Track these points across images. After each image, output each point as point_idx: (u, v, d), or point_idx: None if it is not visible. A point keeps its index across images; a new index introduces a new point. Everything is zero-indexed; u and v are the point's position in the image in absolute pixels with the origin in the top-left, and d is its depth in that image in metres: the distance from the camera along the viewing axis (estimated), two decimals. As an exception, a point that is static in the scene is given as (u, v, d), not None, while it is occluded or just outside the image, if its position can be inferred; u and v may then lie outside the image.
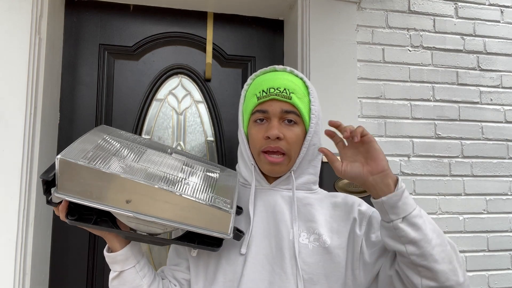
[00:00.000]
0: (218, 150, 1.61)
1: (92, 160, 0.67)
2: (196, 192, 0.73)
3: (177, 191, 0.70)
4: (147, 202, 0.69)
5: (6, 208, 1.22)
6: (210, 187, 0.77)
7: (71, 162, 0.65)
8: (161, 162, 0.77)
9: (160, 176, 0.72)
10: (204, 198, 0.72)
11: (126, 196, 0.67)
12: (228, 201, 0.74)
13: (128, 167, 0.70)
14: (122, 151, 0.75)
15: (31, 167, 1.27)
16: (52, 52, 1.40)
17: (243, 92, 0.89)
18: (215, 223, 0.71)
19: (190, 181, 0.75)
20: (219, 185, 0.79)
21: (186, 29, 1.62)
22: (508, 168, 1.67)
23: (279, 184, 0.85)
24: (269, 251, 0.79)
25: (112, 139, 0.78)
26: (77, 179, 0.66)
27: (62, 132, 1.48)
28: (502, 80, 1.71)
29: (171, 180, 0.72)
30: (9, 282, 1.20)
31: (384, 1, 1.61)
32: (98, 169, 0.66)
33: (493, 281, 1.60)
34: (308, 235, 0.81)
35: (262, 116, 0.81)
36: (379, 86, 1.58)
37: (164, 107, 1.59)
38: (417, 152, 1.59)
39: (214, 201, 0.72)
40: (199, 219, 0.71)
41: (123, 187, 0.67)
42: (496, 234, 1.63)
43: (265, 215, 0.82)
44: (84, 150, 0.69)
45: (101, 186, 0.67)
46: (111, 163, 0.69)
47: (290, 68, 0.87)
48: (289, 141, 0.80)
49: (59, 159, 0.64)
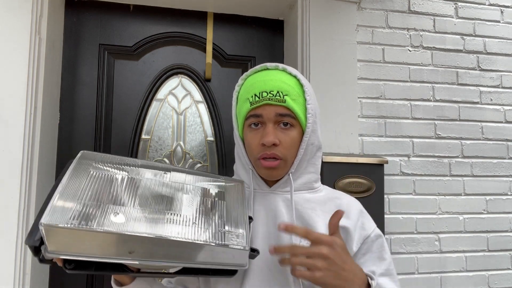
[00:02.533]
0: (218, 150, 1.61)
1: (83, 217, 0.58)
2: (205, 232, 0.65)
3: (184, 237, 0.63)
4: (152, 250, 0.62)
5: (6, 208, 1.22)
6: (218, 219, 0.69)
7: (58, 227, 0.56)
8: (156, 194, 0.69)
9: (161, 219, 0.64)
10: (215, 239, 0.65)
11: (128, 248, 0.61)
12: (241, 232, 0.68)
13: (125, 216, 0.62)
14: (114, 191, 0.66)
15: (31, 167, 1.27)
16: (52, 52, 1.40)
17: (234, 93, 0.85)
18: (229, 259, 0.66)
19: (195, 218, 0.67)
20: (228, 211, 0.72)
21: (186, 29, 1.62)
22: (508, 168, 1.67)
23: (279, 187, 0.83)
24: (269, 256, 0.76)
25: (100, 172, 0.68)
26: (67, 240, 0.57)
27: (62, 132, 1.48)
28: (502, 80, 1.71)
29: (173, 222, 0.65)
30: (9, 282, 1.20)
31: (384, 1, 1.61)
32: (92, 229, 0.58)
33: (493, 281, 1.60)
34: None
35: (256, 120, 0.78)
36: (379, 86, 1.58)
37: (164, 107, 1.59)
38: (417, 152, 1.59)
39: (226, 239, 0.65)
40: (212, 258, 0.65)
41: (124, 242, 0.60)
42: (496, 234, 1.63)
43: (265, 219, 0.80)
44: (72, 204, 0.60)
45: (98, 244, 0.59)
46: (105, 216, 0.61)
47: (283, 65, 0.83)
48: (285, 145, 0.77)
49: (43, 226, 0.55)
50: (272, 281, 0.76)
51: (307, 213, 0.81)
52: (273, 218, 0.80)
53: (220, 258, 0.65)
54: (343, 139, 1.48)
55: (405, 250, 1.53)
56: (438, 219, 1.58)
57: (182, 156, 1.59)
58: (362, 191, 1.41)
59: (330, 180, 1.38)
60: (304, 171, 0.83)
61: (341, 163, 1.40)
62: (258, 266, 0.77)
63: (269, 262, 0.77)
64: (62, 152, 1.48)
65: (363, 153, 1.53)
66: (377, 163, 1.44)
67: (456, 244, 1.58)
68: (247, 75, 0.84)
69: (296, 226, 0.68)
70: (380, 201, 1.44)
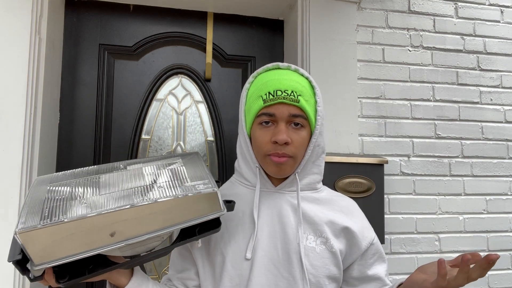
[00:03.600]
0: (218, 150, 1.62)
1: (51, 216, 0.60)
2: (173, 189, 0.68)
3: (154, 199, 0.65)
4: (131, 225, 0.63)
5: (6, 208, 1.22)
6: (182, 178, 0.72)
7: (31, 231, 0.57)
8: (121, 180, 0.71)
9: (129, 194, 0.66)
10: (184, 191, 0.67)
11: (107, 231, 0.62)
12: (206, 181, 0.70)
13: (93, 203, 0.64)
14: (76, 191, 0.68)
15: (31, 167, 1.27)
16: (52, 52, 1.40)
17: (244, 90, 0.84)
18: (205, 207, 0.68)
19: (160, 183, 0.70)
20: (189, 172, 0.74)
21: (186, 29, 1.62)
22: (508, 168, 1.67)
23: (285, 186, 0.83)
24: (275, 255, 0.78)
25: (57, 185, 0.70)
26: (47, 243, 0.58)
27: (62, 132, 1.48)
28: (502, 80, 1.71)
29: (141, 192, 0.67)
30: (9, 282, 1.20)
31: (384, 1, 1.61)
32: (64, 222, 0.59)
33: (493, 281, 1.60)
34: (315, 238, 0.80)
35: (268, 119, 0.78)
36: (379, 86, 1.58)
37: (164, 107, 1.59)
38: (417, 152, 1.59)
39: (195, 188, 0.68)
40: (189, 212, 0.67)
41: (100, 225, 0.61)
42: (496, 234, 1.63)
43: (271, 218, 0.81)
44: (37, 211, 0.61)
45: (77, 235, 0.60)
46: (73, 208, 0.62)
47: (295, 66, 0.83)
48: (296, 145, 0.78)
49: (17, 234, 0.57)
50: (278, 278, 0.77)
51: (313, 212, 0.82)
52: (279, 217, 0.81)
53: (197, 210, 0.68)
54: (343, 139, 1.48)
55: (405, 250, 1.53)
56: (438, 219, 1.58)
57: (182, 156, 1.58)
58: (362, 191, 1.41)
59: (330, 180, 1.38)
60: (309, 172, 0.84)
61: (341, 163, 1.40)
62: (264, 264, 0.78)
63: (275, 259, 0.78)
64: (62, 152, 1.48)
65: (363, 153, 1.53)
66: (377, 163, 1.44)
67: (456, 244, 1.58)
68: (258, 73, 0.84)
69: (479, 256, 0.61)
70: (380, 201, 1.44)
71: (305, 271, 0.76)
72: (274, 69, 0.83)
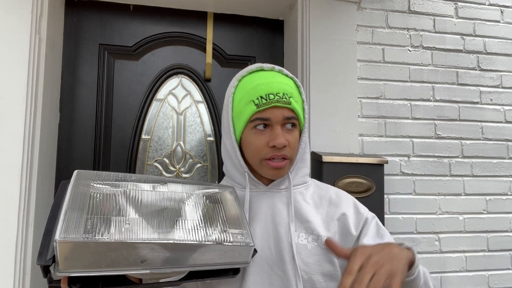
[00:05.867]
0: (218, 150, 1.62)
1: (95, 232, 0.59)
2: (214, 234, 0.68)
3: (193, 240, 0.65)
4: (164, 257, 0.63)
5: (6, 208, 1.22)
6: (222, 221, 0.72)
7: (74, 242, 0.57)
8: (162, 206, 0.70)
9: (171, 225, 0.66)
10: (224, 238, 0.68)
11: (141, 257, 0.61)
12: (245, 232, 0.71)
13: (133, 223, 0.63)
14: (120, 203, 0.67)
15: (31, 167, 1.27)
16: (52, 52, 1.40)
17: (230, 95, 0.82)
18: (235, 256, 0.69)
19: (201, 223, 0.70)
20: (228, 214, 0.75)
21: (186, 29, 1.62)
22: (508, 168, 1.67)
23: (276, 185, 0.84)
24: (268, 254, 0.79)
25: (101, 189, 0.69)
26: (82, 256, 0.58)
27: (62, 132, 1.48)
28: (502, 80, 1.71)
29: (183, 228, 0.66)
30: (9, 282, 1.20)
31: (384, 1, 1.61)
32: (106, 241, 0.59)
33: (493, 281, 1.60)
34: (306, 235, 0.81)
35: (263, 123, 0.78)
36: (379, 86, 1.58)
37: (164, 107, 1.59)
38: (417, 152, 1.59)
39: (234, 238, 0.69)
40: (220, 258, 0.68)
41: (138, 251, 0.61)
42: (496, 234, 1.63)
43: (263, 217, 0.82)
44: (79, 219, 0.60)
45: (111, 255, 0.59)
46: (116, 227, 0.62)
47: (278, 67, 0.84)
48: (291, 146, 0.79)
49: (58, 243, 0.55)
50: (272, 276, 0.78)
51: (304, 210, 0.83)
52: (272, 215, 0.82)
53: (227, 257, 0.68)
54: (343, 139, 1.48)
55: (405, 250, 1.53)
56: (438, 219, 1.58)
57: (182, 156, 1.59)
58: (362, 191, 1.41)
59: (330, 180, 1.38)
60: (298, 167, 0.86)
61: (341, 163, 1.40)
62: (258, 263, 0.78)
63: (269, 258, 0.79)
64: (62, 152, 1.48)
65: (363, 153, 1.53)
66: (377, 163, 1.44)
67: (456, 244, 1.58)
68: (242, 76, 0.84)
69: (336, 245, 0.73)
70: (380, 201, 1.44)
71: (298, 269, 0.76)
72: (258, 71, 0.83)
